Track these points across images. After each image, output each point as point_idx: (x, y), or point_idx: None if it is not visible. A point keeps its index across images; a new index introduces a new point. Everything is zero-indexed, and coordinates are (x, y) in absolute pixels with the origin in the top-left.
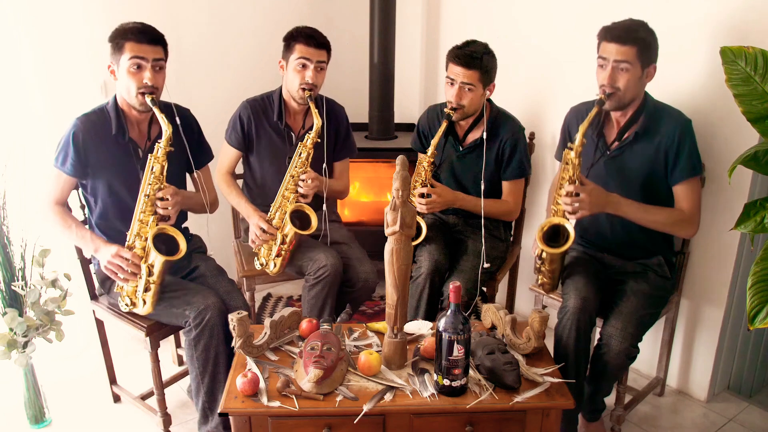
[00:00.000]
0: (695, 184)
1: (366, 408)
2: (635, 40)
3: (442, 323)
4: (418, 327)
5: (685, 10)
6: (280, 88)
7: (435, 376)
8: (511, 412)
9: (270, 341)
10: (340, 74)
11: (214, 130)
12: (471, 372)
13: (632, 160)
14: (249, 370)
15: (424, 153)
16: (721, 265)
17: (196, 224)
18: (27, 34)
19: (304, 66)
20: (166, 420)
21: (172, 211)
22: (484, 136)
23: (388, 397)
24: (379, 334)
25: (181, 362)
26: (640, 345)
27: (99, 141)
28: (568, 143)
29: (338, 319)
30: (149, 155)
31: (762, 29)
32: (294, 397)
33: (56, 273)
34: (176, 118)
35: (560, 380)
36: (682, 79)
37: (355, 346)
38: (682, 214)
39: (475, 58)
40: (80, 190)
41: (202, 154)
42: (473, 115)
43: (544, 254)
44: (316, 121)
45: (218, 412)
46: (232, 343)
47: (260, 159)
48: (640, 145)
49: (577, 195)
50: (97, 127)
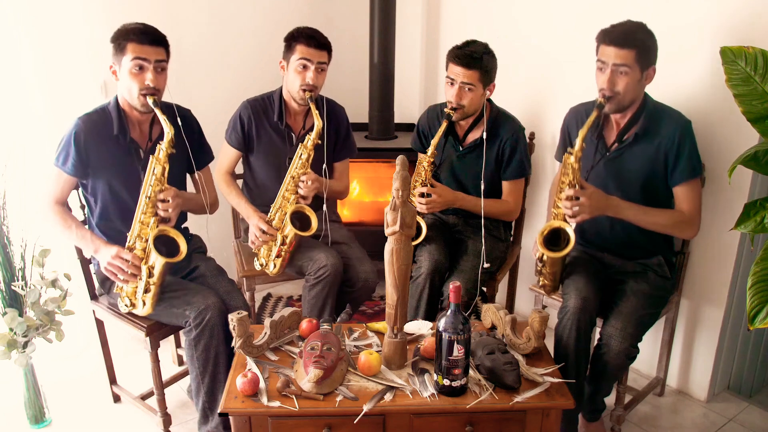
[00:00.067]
0: (695, 186)
1: (366, 408)
2: (634, 44)
3: (442, 323)
4: (418, 327)
5: (685, 10)
6: (281, 89)
7: (435, 376)
8: (511, 412)
9: (270, 341)
10: (340, 74)
11: (214, 130)
12: (471, 372)
13: (632, 162)
14: (249, 370)
15: (424, 153)
16: (721, 265)
17: (196, 224)
18: (27, 34)
19: (304, 67)
20: (166, 420)
21: (172, 213)
22: (484, 136)
23: (388, 397)
24: (379, 334)
25: (181, 362)
26: (640, 345)
27: (100, 141)
28: (568, 148)
29: (338, 319)
30: (151, 156)
31: (762, 29)
32: (294, 397)
33: (56, 273)
34: (177, 119)
35: (560, 380)
36: (682, 79)
37: (355, 346)
38: (683, 216)
39: (475, 58)
40: (80, 190)
41: (203, 155)
42: (473, 115)
43: (545, 257)
44: (317, 123)
45: (218, 412)
46: (232, 343)
47: (260, 159)
48: (640, 147)
49: (578, 199)
50: (98, 127)
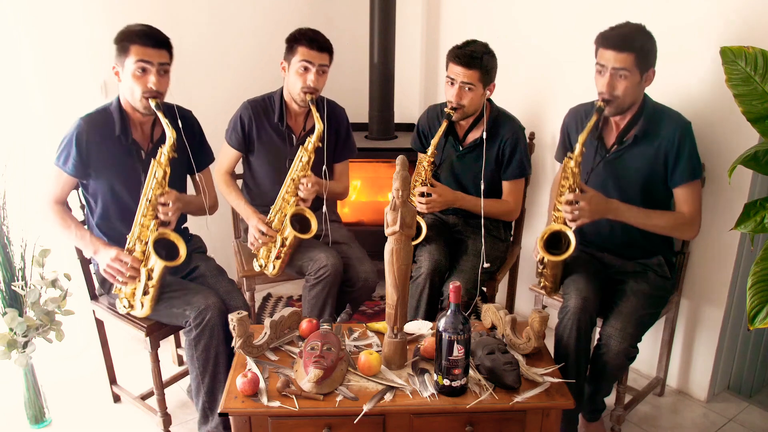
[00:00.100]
0: (696, 187)
1: (366, 408)
2: (633, 47)
3: (442, 323)
4: (418, 327)
5: (685, 10)
6: (282, 89)
7: (435, 376)
8: (511, 412)
9: (270, 341)
10: (340, 74)
11: (214, 131)
12: (471, 372)
13: (631, 163)
14: (249, 370)
15: (424, 153)
16: (721, 265)
17: (196, 224)
18: (27, 34)
19: (306, 69)
20: (166, 420)
21: (172, 217)
22: (484, 136)
23: (388, 397)
24: (379, 334)
25: (181, 362)
26: (640, 345)
27: (102, 141)
28: (569, 153)
29: (338, 319)
30: (152, 160)
31: (762, 29)
32: (294, 397)
33: (56, 273)
34: (178, 120)
35: (560, 380)
36: (682, 79)
37: (355, 346)
38: (683, 218)
39: (476, 58)
40: (80, 190)
41: (204, 156)
42: (473, 114)
43: (546, 260)
44: (318, 126)
45: (218, 412)
46: (232, 343)
47: (260, 160)
48: (640, 148)
49: (578, 203)
50: (100, 128)
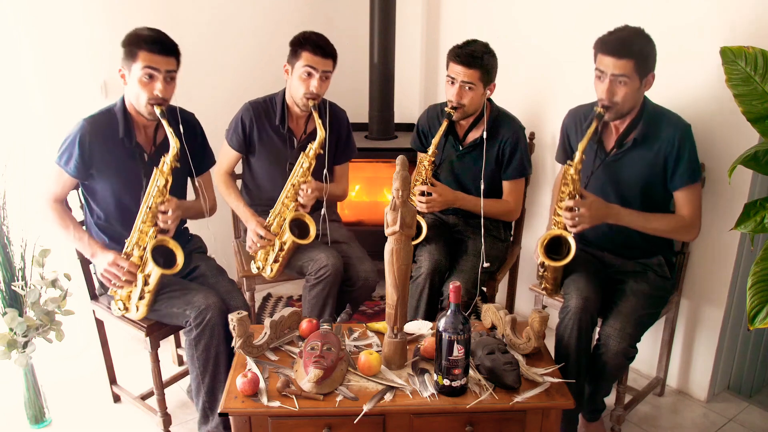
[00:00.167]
0: (695, 190)
1: (366, 408)
2: (632, 53)
3: (442, 323)
4: (418, 327)
5: (685, 10)
6: (284, 91)
7: (435, 376)
8: (511, 412)
9: (270, 341)
10: (340, 74)
11: (214, 131)
12: (471, 372)
13: (631, 166)
14: (249, 370)
15: (424, 152)
16: (721, 265)
17: (196, 224)
18: (27, 34)
19: (309, 75)
20: (166, 420)
21: (171, 225)
22: (485, 136)
23: (388, 397)
24: (379, 334)
25: (181, 362)
26: (640, 345)
27: (105, 143)
28: (569, 161)
29: (338, 319)
30: (155, 168)
31: (762, 29)
32: (294, 397)
33: (56, 273)
34: (180, 125)
35: (560, 380)
36: (682, 79)
37: (355, 346)
38: (683, 221)
39: (476, 57)
40: (80, 190)
41: (205, 160)
42: (473, 114)
43: (546, 264)
44: (320, 133)
45: (218, 412)
46: (232, 343)
47: (261, 161)
48: (639, 152)
49: (578, 209)
50: (104, 130)
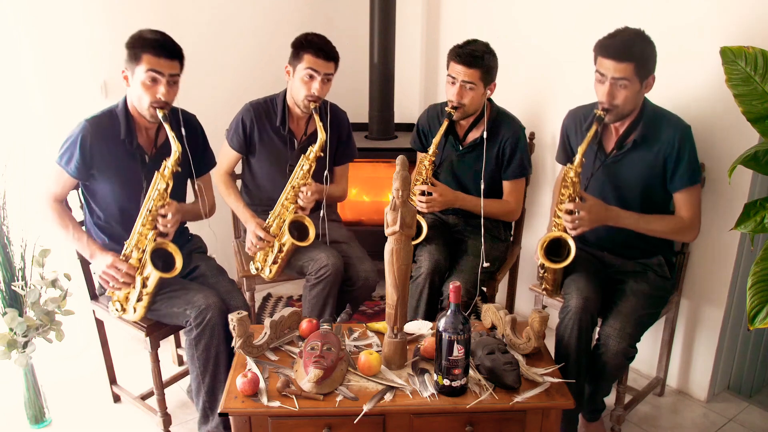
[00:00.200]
0: (695, 191)
1: (366, 408)
2: (632, 56)
3: (442, 323)
4: (418, 327)
5: (685, 10)
6: (284, 92)
7: (435, 376)
8: (511, 412)
9: (270, 341)
10: (340, 74)
11: (214, 131)
12: (471, 372)
13: (631, 168)
14: (249, 370)
15: (424, 152)
16: (721, 265)
17: (196, 224)
18: (27, 34)
19: (311, 77)
20: (166, 420)
21: (171, 229)
22: (485, 136)
23: (388, 397)
24: (379, 334)
25: (181, 362)
26: (640, 345)
27: (106, 144)
28: (568, 163)
29: (338, 319)
30: (156, 172)
31: (762, 29)
32: (294, 397)
33: (56, 273)
34: (181, 127)
35: (560, 380)
36: (682, 79)
37: (355, 346)
38: (683, 222)
39: (477, 57)
40: (80, 190)
41: (205, 162)
42: (474, 114)
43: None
44: (320, 136)
45: (218, 412)
46: (232, 343)
47: (261, 162)
48: (639, 153)
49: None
50: (105, 131)
